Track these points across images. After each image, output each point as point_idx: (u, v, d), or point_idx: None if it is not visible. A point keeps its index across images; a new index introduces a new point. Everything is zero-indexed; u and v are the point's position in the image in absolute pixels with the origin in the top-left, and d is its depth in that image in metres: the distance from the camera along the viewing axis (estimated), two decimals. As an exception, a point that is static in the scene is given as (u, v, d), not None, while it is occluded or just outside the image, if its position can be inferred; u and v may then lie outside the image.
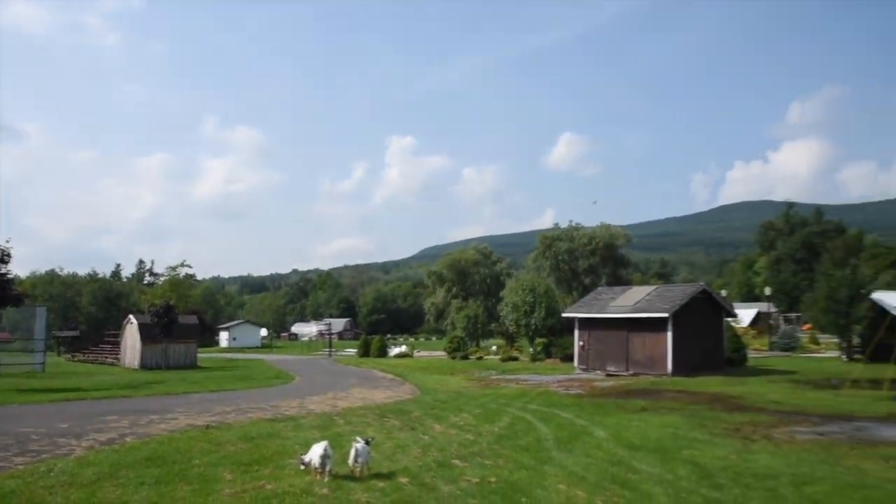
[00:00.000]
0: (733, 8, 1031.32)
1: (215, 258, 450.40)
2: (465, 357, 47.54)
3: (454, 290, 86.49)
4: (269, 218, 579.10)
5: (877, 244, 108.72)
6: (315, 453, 9.95)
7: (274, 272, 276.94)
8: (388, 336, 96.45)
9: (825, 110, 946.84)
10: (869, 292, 39.18)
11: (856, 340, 38.08)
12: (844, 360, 38.05)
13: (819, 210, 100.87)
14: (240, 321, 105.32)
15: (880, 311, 35.50)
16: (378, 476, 10.14)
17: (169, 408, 19.65)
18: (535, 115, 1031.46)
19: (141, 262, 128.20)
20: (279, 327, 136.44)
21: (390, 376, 34.62)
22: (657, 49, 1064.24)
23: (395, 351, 56.33)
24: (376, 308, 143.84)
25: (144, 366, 41.14)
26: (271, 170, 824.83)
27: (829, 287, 38.51)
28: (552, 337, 44.06)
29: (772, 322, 65.91)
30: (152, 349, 41.99)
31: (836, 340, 43.56)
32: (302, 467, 10.09)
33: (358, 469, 10.09)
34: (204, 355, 54.42)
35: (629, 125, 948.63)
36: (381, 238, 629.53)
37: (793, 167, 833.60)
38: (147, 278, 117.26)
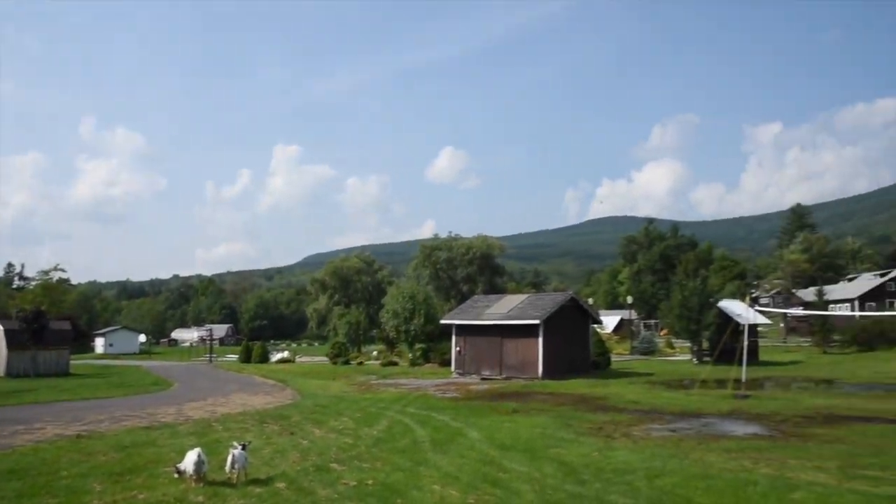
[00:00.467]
0: (603, 39, 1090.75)
1: (92, 262, 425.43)
2: (347, 362, 47.51)
3: (336, 296, 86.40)
4: (149, 222, 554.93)
5: (724, 257, 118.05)
6: (189, 460, 9.80)
7: (154, 277, 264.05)
8: (271, 342, 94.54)
9: (681, 135, 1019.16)
10: (716, 301, 42.67)
11: (705, 344, 41.23)
12: (695, 362, 41.12)
13: (675, 226, 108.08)
14: (117, 327, 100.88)
15: (725, 317, 38.78)
16: (255, 482, 10.13)
17: (36, 417, 18.57)
18: (417, 128, 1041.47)
19: (10, 265, 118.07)
20: (159, 333, 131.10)
21: (271, 382, 34.14)
22: (534, 71, 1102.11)
23: (276, 356, 55.68)
24: (259, 314, 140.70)
25: (10, 374, 38.86)
26: (153, 173, 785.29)
27: (682, 296, 41.45)
28: (431, 342, 44.89)
29: (633, 328, 70.06)
30: (19, 356, 39.84)
31: (688, 345, 46.90)
32: (177, 475, 9.91)
33: (235, 475, 10.04)
34: (77, 362, 51.64)
35: (507, 142, 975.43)
36: (265, 245, 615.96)
37: (653, 186, 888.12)
38: (16, 282, 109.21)
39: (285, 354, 57.63)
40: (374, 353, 55.62)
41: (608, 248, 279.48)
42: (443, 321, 39.50)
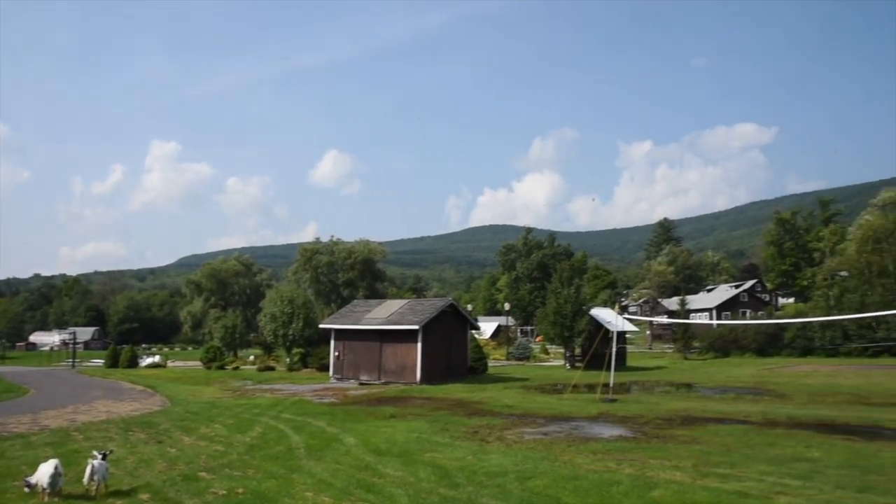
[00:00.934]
0: (488, 53, 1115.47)
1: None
2: (222, 367, 46.03)
3: (213, 299, 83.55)
4: (8, 217, 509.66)
5: (597, 267, 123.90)
6: (44, 473, 9.12)
7: (11, 276, 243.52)
8: (142, 346, 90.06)
9: (560, 149, 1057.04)
10: (589, 309, 44.57)
11: (577, 350, 42.92)
12: (568, 367, 42.72)
13: (552, 235, 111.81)
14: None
15: (597, 324, 40.59)
16: (117, 494, 9.62)
17: None
18: (302, 130, 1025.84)
19: None
20: (15, 336, 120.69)
21: (140, 387, 32.58)
22: (420, 80, 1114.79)
23: (147, 361, 53.22)
24: (129, 317, 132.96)
25: None
26: (14, 164, 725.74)
27: (557, 303, 42.92)
28: (309, 347, 44.28)
29: (510, 334, 71.96)
30: None
31: (562, 350, 48.66)
32: (27, 490, 9.21)
33: (94, 487, 9.46)
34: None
35: (392, 148, 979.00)
36: (138, 244, 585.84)
37: (533, 196, 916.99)
38: None
39: (156, 359, 55.33)
40: (251, 357, 54.38)
41: (488, 255, 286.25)
42: (322, 325, 38.98)
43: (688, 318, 64.31)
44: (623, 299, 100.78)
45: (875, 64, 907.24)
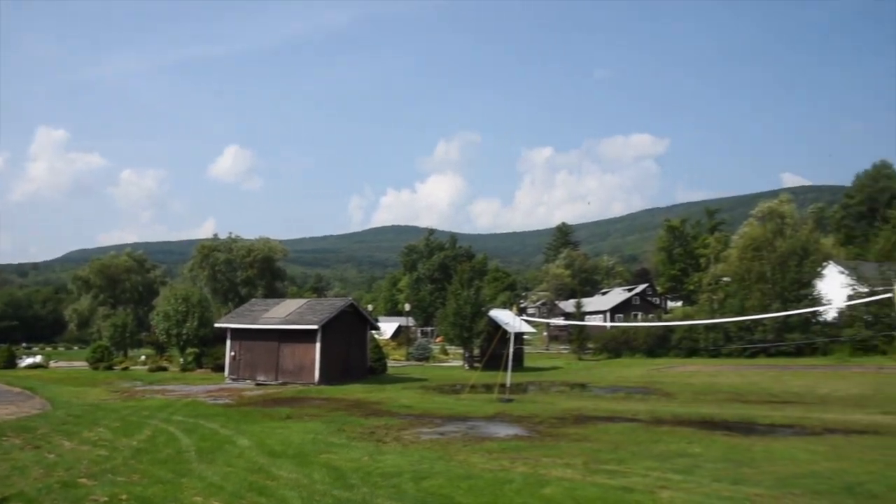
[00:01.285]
0: (395, 53, 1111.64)
1: None
2: (110, 367, 43.81)
3: (102, 296, 79.71)
4: None
5: (497, 269, 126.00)
6: None
7: None
8: (23, 345, 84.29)
9: (463, 152, 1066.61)
10: (488, 310, 45.34)
11: (476, 351, 43.56)
12: (466, 368, 43.26)
13: (454, 237, 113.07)
14: None
15: (495, 325, 41.35)
16: (-18, 504, 8.93)
17: None
18: (202, 122, 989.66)
19: None
20: None
21: (17, 389, 30.33)
22: (325, 77, 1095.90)
23: (26, 361, 49.82)
24: (7, 314, 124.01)
25: None
26: None
27: (457, 304, 43.47)
28: (204, 347, 42.94)
29: (410, 335, 72.20)
30: None
31: (461, 351, 49.25)
32: None
33: (-45, 498, 8.76)
34: None
35: (295, 144, 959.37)
36: (20, 237, 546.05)
37: (436, 198, 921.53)
38: None
39: (37, 359, 52.01)
40: (142, 357, 52.17)
41: (390, 255, 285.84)
42: (218, 325, 37.86)
43: (583, 319, 66.53)
44: (522, 301, 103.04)
45: (752, 87, 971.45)
